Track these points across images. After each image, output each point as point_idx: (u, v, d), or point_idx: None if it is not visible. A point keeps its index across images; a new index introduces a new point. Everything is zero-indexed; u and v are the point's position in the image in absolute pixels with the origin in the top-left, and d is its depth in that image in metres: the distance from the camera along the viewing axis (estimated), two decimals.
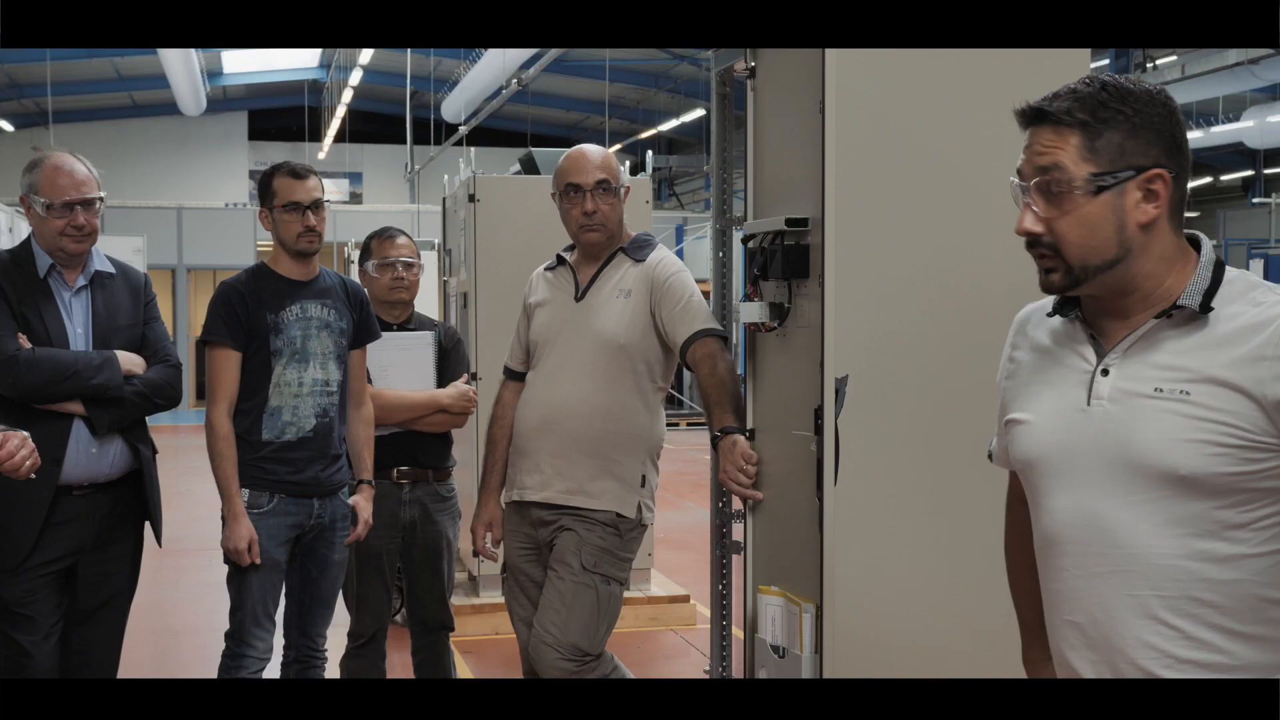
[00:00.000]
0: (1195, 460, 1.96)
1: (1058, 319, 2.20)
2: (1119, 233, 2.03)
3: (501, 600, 6.93)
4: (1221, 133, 23.87)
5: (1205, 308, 2.01)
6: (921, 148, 3.55)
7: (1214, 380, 1.97)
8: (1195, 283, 2.04)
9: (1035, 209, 2.08)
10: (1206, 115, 24.25)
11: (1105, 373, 2.09)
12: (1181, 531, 2.00)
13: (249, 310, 4.29)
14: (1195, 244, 2.11)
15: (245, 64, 29.17)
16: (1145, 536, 2.02)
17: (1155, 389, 2.01)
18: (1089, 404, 2.09)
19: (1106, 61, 19.09)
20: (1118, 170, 2.03)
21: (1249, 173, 30.36)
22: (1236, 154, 28.36)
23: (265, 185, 4.40)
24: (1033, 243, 2.10)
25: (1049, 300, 2.23)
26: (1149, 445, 2.00)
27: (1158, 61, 19.61)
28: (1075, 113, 2.05)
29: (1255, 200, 29.17)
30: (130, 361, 4.12)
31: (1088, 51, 3.75)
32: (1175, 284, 2.06)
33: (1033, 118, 2.09)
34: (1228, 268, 2.07)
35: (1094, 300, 2.13)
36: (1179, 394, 1.99)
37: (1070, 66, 3.61)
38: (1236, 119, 24.26)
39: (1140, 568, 2.02)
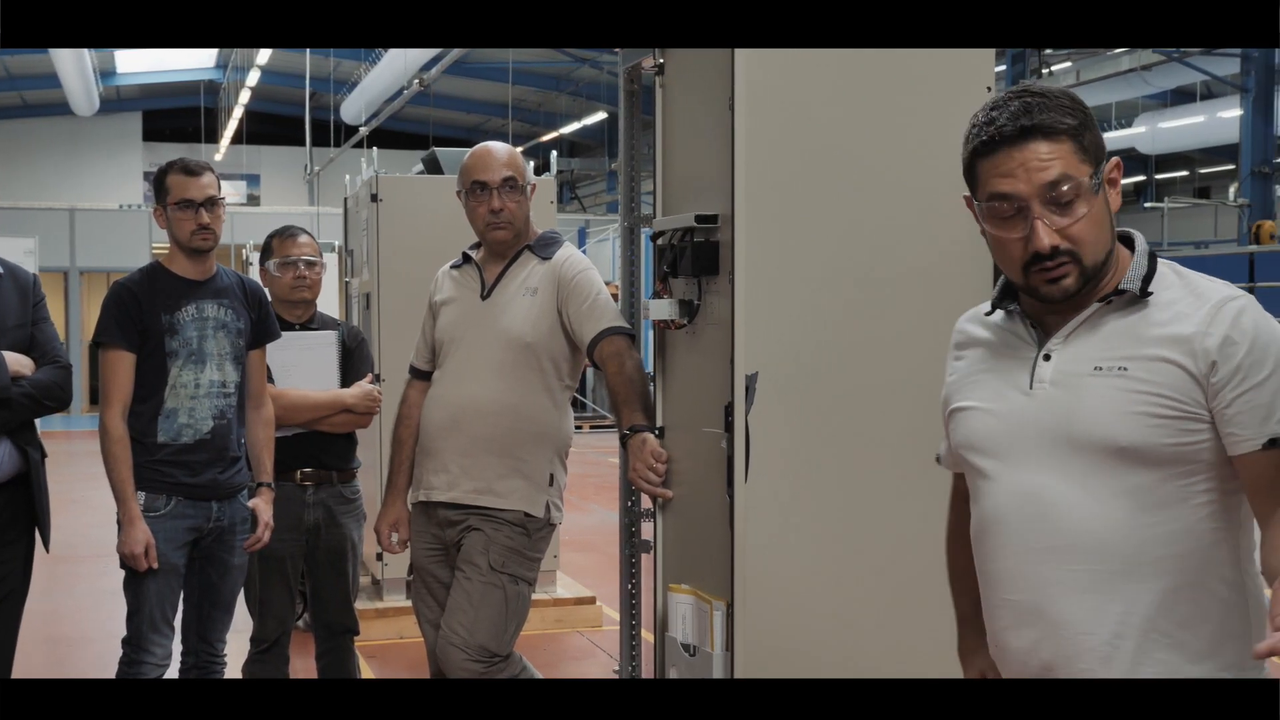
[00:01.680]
0: (1135, 431, 2.02)
1: (998, 315, 2.24)
2: (1112, 225, 2.14)
3: (406, 604, 6.91)
4: (1114, 138, 24.40)
5: (1145, 291, 2.09)
6: (832, 144, 3.54)
7: (1151, 356, 2.04)
8: (1135, 269, 2.12)
9: (1046, 223, 2.07)
10: (1099, 120, 24.69)
11: (1047, 358, 2.14)
12: (1127, 505, 2.04)
13: (143, 310, 4.19)
14: (1125, 239, 2.19)
15: (139, 64, 28.73)
16: (1088, 511, 2.06)
17: (1095, 367, 2.08)
18: (1031, 387, 2.14)
19: (1004, 68, 19.37)
20: (1098, 168, 2.10)
21: (1141, 178, 31.01)
22: (1129, 159, 28.87)
23: (159, 182, 4.31)
24: (1047, 255, 2.08)
25: (981, 306, 2.30)
26: (1090, 420, 2.06)
27: (1053, 68, 19.95)
28: (1064, 119, 2.07)
29: (1147, 205, 29.79)
30: (18, 362, 4.01)
31: (992, 52, 3.77)
32: (1114, 271, 2.13)
33: (1024, 134, 2.06)
34: (1160, 259, 2.16)
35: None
36: (1118, 370, 2.05)
37: (974, 66, 3.65)
38: (1129, 125, 24.79)
39: (1085, 544, 2.06)
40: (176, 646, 4.33)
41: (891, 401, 3.56)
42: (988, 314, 2.27)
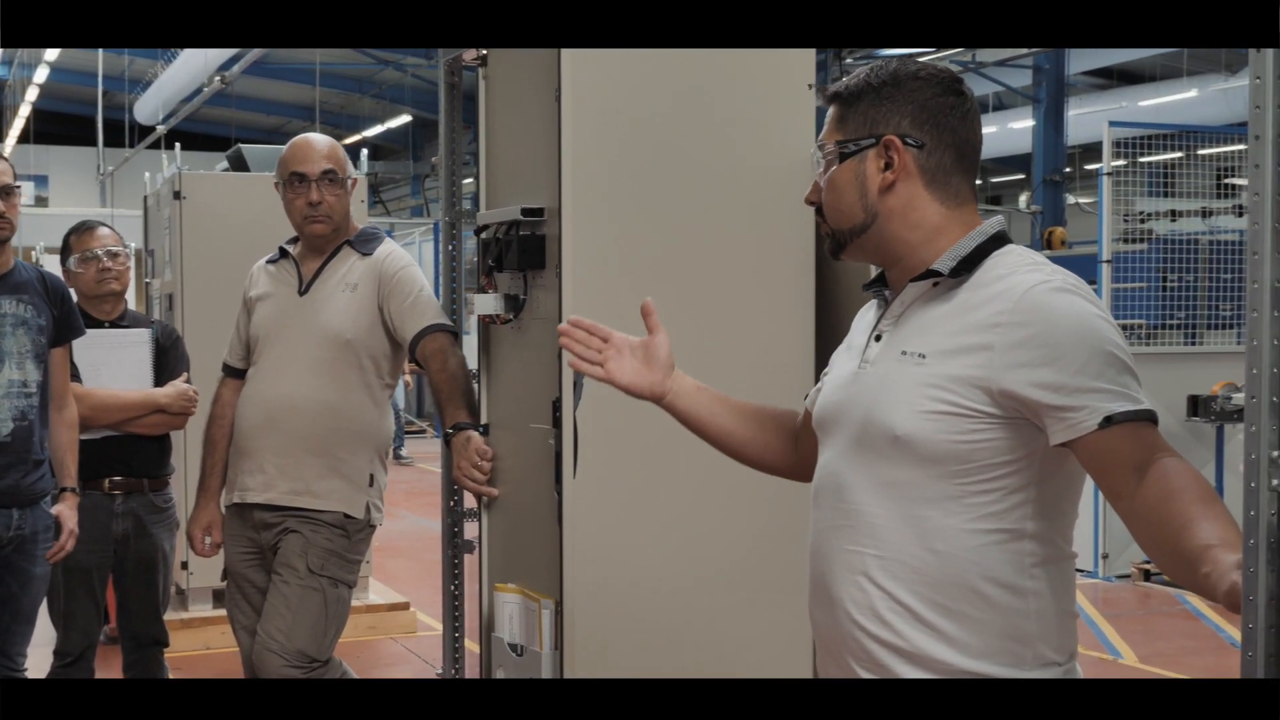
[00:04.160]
0: (911, 422, 1.98)
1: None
2: (863, 197, 2.11)
3: (213, 614, 6.72)
4: None
5: (957, 273, 2.03)
6: (659, 138, 3.53)
7: (949, 347, 1.98)
8: (953, 250, 2.06)
9: (819, 180, 2.18)
10: None
11: (878, 338, 2.12)
12: (895, 494, 2.02)
13: None
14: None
15: None
16: (865, 495, 2.05)
17: (901, 352, 2.05)
18: (859, 367, 2.13)
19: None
20: (860, 138, 2.11)
21: None
22: None
23: None
24: (817, 210, 2.20)
25: None
26: (877, 406, 2.04)
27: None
28: (838, 89, 2.17)
29: None
30: None
31: (812, 52, 3.81)
32: (932, 252, 2.08)
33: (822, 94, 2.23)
34: (1014, 246, 2.08)
35: (888, 274, 2.17)
36: (917, 357, 2.02)
37: (795, 65, 3.68)
38: None
39: (859, 526, 2.05)
40: None
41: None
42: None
